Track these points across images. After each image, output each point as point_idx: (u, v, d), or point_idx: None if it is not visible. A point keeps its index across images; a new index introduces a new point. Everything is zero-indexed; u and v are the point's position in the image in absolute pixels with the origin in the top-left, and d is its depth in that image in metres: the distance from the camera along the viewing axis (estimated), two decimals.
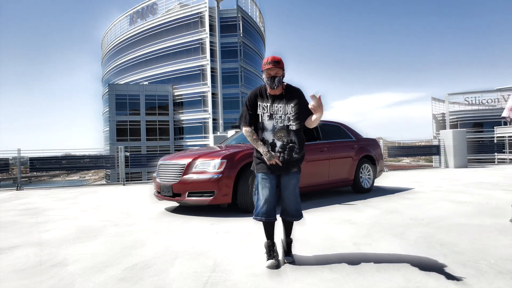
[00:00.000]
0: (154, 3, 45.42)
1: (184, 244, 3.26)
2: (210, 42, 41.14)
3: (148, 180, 11.19)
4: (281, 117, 2.59)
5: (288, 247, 2.75)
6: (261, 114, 2.63)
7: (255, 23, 47.81)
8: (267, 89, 2.61)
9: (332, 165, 5.86)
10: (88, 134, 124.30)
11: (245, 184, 4.57)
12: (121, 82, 45.97)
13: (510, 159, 15.00)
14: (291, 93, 2.60)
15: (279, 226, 2.76)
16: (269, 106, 2.61)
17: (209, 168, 4.57)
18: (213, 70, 41.37)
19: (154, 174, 5.31)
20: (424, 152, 14.78)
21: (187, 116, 42.81)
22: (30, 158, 9.68)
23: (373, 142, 6.93)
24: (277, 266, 2.56)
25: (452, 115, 45.88)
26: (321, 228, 3.77)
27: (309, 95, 2.40)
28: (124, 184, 9.69)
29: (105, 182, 28.19)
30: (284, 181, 2.62)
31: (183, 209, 5.13)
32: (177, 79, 43.26)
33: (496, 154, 15.49)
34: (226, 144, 6.31)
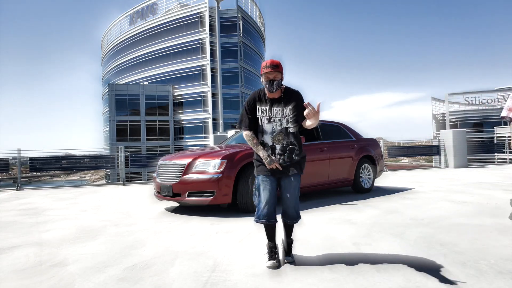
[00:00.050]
0: (154, 3, 45.42)
1: (184, 244, 3.26)
2: (210, 42, 41.14)
3: (148, 180, 11.19)
4: (280, 120, 2.60)
5: (288, 247, 2.75)
6: (260, 118, 2.64)
7: (255, 23, 47.81)
8: (266, 92, 2.62)
9: (332, 165, 5.86)
10: (88, 134, 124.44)
11: (245, 184, 4.57)
12: (121, 82, 45.97)
13: (510, 159, 15.00)
14: (289, 96, 2.60)
15: (279, 226, 2.76)
16: (267, 109, 2.61)
17: (209, 168, 4.57)
18: (213, 70, 41.38)
19: (154, 174, 5.31)
20: (424, 152, 14.78)
21: (187, 116, 42.82)
22: (30, 158, 9.69)
23: (373, 142, 6.93)
24: (277, 266, 2.56)
25: (452, 115, 45.89)
26: (321, 228, 3.77)
27: (305, 103, 2.37)
28: (124, 184, 9.69)
29: (105, 182, 28.20)
30: (284, 183, 2.61)
31: (183, 209, 5.13)
32: (177, 79, 43.26)
33: (496, 154, 15.49)
34: (226, 144, 6.31)
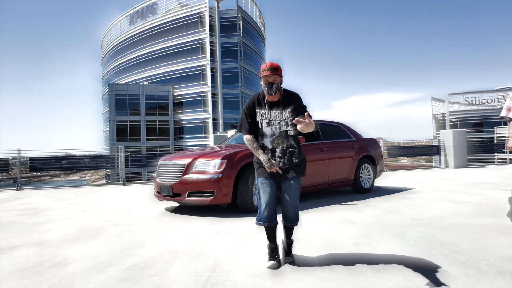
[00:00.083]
0: (154, 3, 45.42)
1: (184, 244, 3.26)
2: (210, 42, 41.14)
3: (148, 180, 11.19)
4: (279, 123, 2.60)
5: (288, 247, 2.75)
6: (259, 121, 2.65)
7: (255, 23, 47.81)
8: (265, 95, 2.62)
9: (332, 165, 5.86)
10: (88, 134, 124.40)
11: (245, 184, 4.57)
12: (121, 82, 45.97)
13: (510, 159, 15.00)
14: (288, 99, 2.60)
15: (280, 227, 2.75)
16: (267, 113, 2.62)
17: (209, 168, 4.57)
18: (213, 70, 41.37)
19: (154, 174, 5.31)
20: (424, 152, 14.78)
21: (187, 116, 42.81)
22: (30, 158, 9.69)
23: (373, 142, 6.93)
24: (278, 267, 2.56)
25: (452, 115, 45.90)
26: (321, 228, 3.77)
27: (295, 120, 2.32)
28: (124, 184, 9.69)
29: (105, 182, 28.20)
30: (284, 186, 2.60)
31: (183, 209, 5.13)
32: (177, 79, 43.26)
33: (496, 154, 15.49)
34: (226, 144, 6.31)
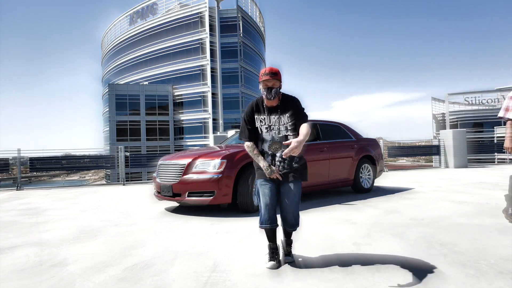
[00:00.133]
0: (154, 3, 45.42)
1: (184, 244, 3.26)
2: (210, 42, 41.14)
3: (148, 180, 11.19)
4: (279, 128, 2.60)
5: (288, 248, 2.75)
6: (259, 127, 2.64)
7: (255, 23, 47.81)
8: (264, 100, 2.62)
9: (332, 165, 5.86)
10: (88, 134, 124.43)
11: (245, 184, 4.57)
12: (121, 82, 45.97)
13: (510, 159, 15.00)
14: (286, 104, 2.60)
15: (280, 227, 2.75)
16: (266, 118, 2.61)
17: (209, 168, 4.57)
18: (213, 70, 41.38)
19: (154, 174, 5.31)
20: (424, 152, 14.78)
21: (187, 116, 42.82)
22: (30, 158, 9.69)
23: (373, 142, 6.93)
24: (278, 267, 2.56)
25: (452, 115, 45.90)
26: (321, 228, 3.77)
27: (284, 153, 2.33)
28: (124, 184, 9.69)
29: (105, 182, 28.20)
30: (283, 189, 2.57)
31: (183, 209, 5.13)
32: (177, 79, 43.26)
33: (496, 154, 15.50)
34: (226, 144, 6.31)
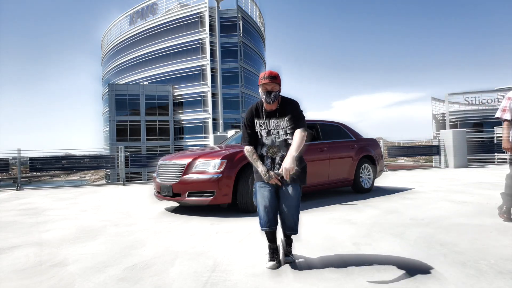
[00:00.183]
0: (154, 3, 45.42)
1: (184, 244, 3.26)
2: (210, 42, 41.14)
3: (148, 180, 11.20)
4: (278, 132, 2.59)
5: (288, 247, 2.74)
6: (259, 131, 2.64)
7: (255, 23, 47.80)
8: (263, 104, 2.61)
9: (332, 165, 5.86)
10: (88, 134, 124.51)
11: (245, 184, 4.57)
12: (121, 82, 45.97)
13: (510, 159, 14.98)
14: (285, 107, 2.59)
15: (280, 227, 2.75)
16: (265, 122, 2.61)
17: (209, 168, 4.57)
18: (213, 70, 41.38)
19: (154, 174, 5.31)
20: (424, 152, 14.77)
21: (187, 116, 42.82)
22: (30, 158, 9.69)
23: (373, 142, 6.93)
24: (278, 267, 2.56)
25: (452, 115, 45.89)
26: (321, 228, 3.77)
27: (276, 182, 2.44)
28: (124, 184, 9.69)
29: (105, 182, 28.20)
30: (282, 192, 2.54)
31: (183, 209, 5.13)
32: (177, 79, 43.27)
33: (496, 154, 15.49)
34: (226, 144, 6.31)
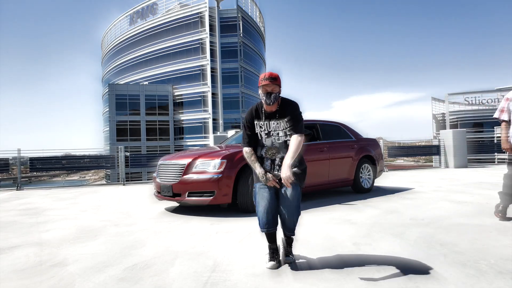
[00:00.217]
0: (154, 3, 45.43)
1: (184, 244, 3.26)
2: (210, 42, 41.15)
3: (148, 180, 11.20)
4: (278, 133, 2.59)
5: (288, 247, 2.74)
6: (259, 133, 2.64)
7: (255, 23, 47.81)
8: (263, 106, 2.61)
9: (332, 165, 5.86)
10: (88, 134, 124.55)
11: (245, 184, 4.57)
12: (121, 82, 45.98)
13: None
14: (284, 108, 2.59)
15: (280, 227, 2.75)
16: (265, 124, 2.60)
17: (209, 168, 4.57)
18: (213, 70, 41.38)
19: (154, 174, 5.31)
20: (424, 152, 14.77)
21: (187, 116, 42.82)
22: (30, 158, 9.69)
23: (373, 142, 6.93)
24: (278, 267, 2.56)
25: (452, 115, 45.88)
26: (321, 228, 3.77)
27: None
28: (124, 184, 9.69)
29: (105, 182, 28.20)
30: (282, 193, 2.54)
31: (183, 209, 5.13)
32: (177, 79, 43.27)
33: (496, 154, 15.48)
34: (226, 144, 6.31)
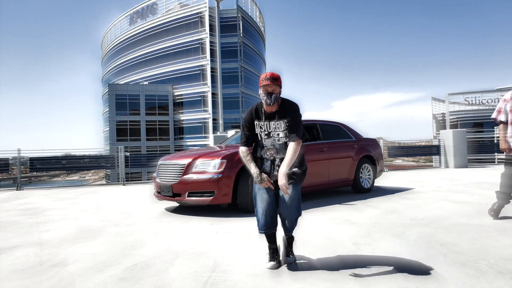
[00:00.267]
0: (154, 3, 45.43)
1: (184, 244, 3.26)
2: (210, 42, 41.15)
3: (148, 180, 11.20)
4: (278, 134, 2.58)
5: (289, 247, 2.74)
6: (259, 133, 2.63)
7: (255, 23, 47.80)
8: (263, 106, 2.60)
9: (332, 165, 5.86)
10: (88, 134, 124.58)
11: (245, 184, 4.57)
12: (121, 82, 45.98)
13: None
14: (284, 109, 2.58)
15: (280, 226, 2.75)
16: (265, 124, 2.60)
17: (209, 168, 4.57)
18: (213, 70, 41.38)
19: (154, 174, 5.31)
20: (424, 152, 14.77)
21: (187, 116, 42.82)
22: (30, 158, 9.69)
23: (373, 142, 6.93)
24: (278, 267, 2.56)
25: (452, 115, 45.88)
26: (321, 228, 3.77)
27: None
28: (124, 184, 9.69)
29: (105, 182, 28.20)
30: (280, 194, 2.52)
31: (183, 209, 5.13)
32: (177, 79, 43.27)
33: (496, 154, 15.47)
34: (226, 144, 6.31)
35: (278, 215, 2.59)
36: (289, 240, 2.74)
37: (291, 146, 2.49)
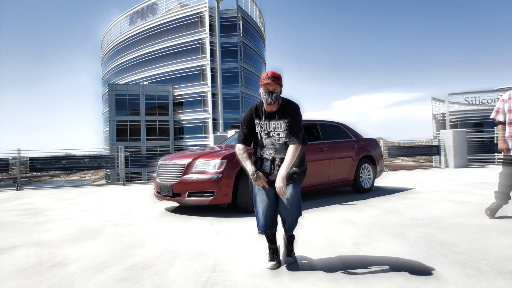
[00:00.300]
0: (154, 3, 45.43)
1: (184, 244, 3.26)
2: (210, 42, 41.15)
3: (148, 180, 11.20)
4: (278, 134, 2.58)
5: (290, 246, 2.73)
6: (259, 133, 2.63)
7: (255, 23, 47.81)
8: (264, 105, 2.60)
9: (332, 165, 5.86)
10: (88, 134, 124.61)
11: (245, 184, 4.57)
12: (121, 82, 45.99)
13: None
14: (285, 109, 2.58)
15: (280, 226, 2.75)
16: (265, 124, 2.60)
17: (209, 168, 4.57)
18: (213, 70, 41.39)
19: (154, 174, 5.31)
20: (424, 152, 14.77)
21: (187, 116, 42.83)
22: (30, 158, 9.70)
23: (373, 142, 6.93)
24: (278, 267, 2.56)
25: (452, 115, 45.88)
26: (321, 228, 3.77)
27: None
28: (124, 184, 9.69)
29: (105, 182, 28.20)
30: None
31: (183, 209, 5.13)
32: (177, 79, 43.28)
33: (496, 154, 15.47)
34: (226, 144, 6.31)
35: (279, 215, 2.59)
36: (290, 239, 2.73)
37: (291, 148, 2.48)
